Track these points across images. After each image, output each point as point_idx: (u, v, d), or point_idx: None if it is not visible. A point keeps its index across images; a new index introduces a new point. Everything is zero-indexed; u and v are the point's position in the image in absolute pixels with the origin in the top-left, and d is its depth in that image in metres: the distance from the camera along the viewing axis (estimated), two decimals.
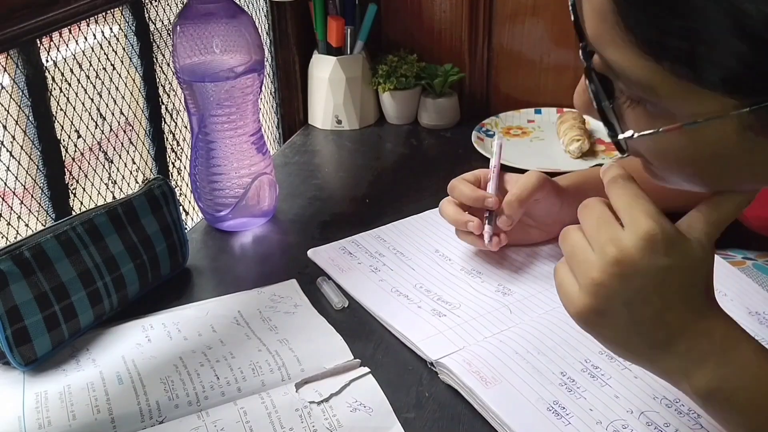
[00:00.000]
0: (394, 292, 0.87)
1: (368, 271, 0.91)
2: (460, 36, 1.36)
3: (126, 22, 0.99)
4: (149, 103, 1.04)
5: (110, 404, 0.70)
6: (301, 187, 1.16)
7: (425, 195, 1.11)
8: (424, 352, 0.77)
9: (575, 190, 0.90)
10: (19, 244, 0.74)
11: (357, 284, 0.89)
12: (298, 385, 0.71)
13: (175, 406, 0.70)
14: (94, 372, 0.75)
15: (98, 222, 0.81)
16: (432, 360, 0.75)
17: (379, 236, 0.99)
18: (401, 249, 0.95)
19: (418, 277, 0.90)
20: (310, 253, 0.95)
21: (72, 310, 0.77)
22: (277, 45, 1.33)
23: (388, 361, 0.77)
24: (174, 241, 0.89)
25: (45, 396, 0.72)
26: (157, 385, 0.73)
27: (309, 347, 0.78)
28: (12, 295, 0.72)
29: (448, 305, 0.84)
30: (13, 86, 0.83)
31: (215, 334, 0.80)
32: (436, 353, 0.76)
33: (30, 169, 0.86)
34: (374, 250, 0.95)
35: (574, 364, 0.73)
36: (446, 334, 0.79)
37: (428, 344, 0.77)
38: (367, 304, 0.85)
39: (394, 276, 0.90)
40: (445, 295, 0.86)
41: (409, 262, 0.93)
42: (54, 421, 0.69)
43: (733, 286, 0.82)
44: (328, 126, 1.36)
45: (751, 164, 0.50)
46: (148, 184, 0.88)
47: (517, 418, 0.67)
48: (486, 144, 1.25)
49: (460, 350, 0.76)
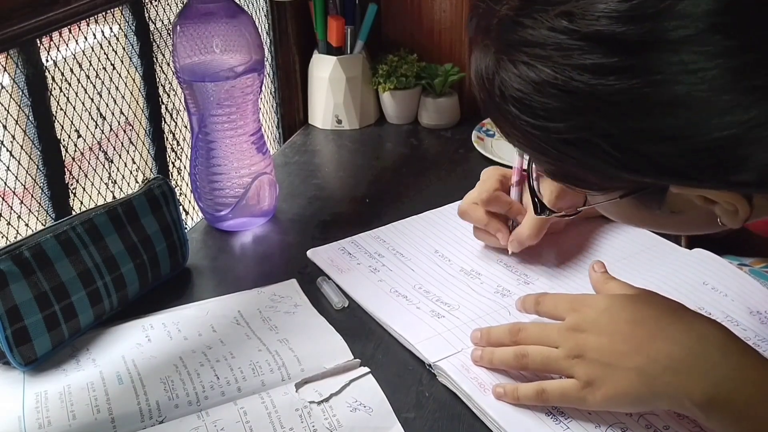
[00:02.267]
0: (393, 292, 0.87)
1: (367, 271, 0.91)
2: (460, 35, 1.36)
3: (126, 21, 0.99)
4: (149, 102, 1.04)
5: (110, 404, 0.70)
6: (301, 186, 1.16)
7: (425, 194, 1.11)
8: (422, 354, 0.77)
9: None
10: (19, 243, 0.74)
11: (356, 285, 0.88)
12: (298, 385, 0.71)
13: (175, 405, 0.70)
14: (94, 372, 0.75)
15: (98, 222, 0.81)
16: (431, 362, 0.75)
17: (379, 237, 0.98)
18: (401, 249, 0.95)
19: (417, 278, 0.89)
20: (309, 253, 0.95)
21: (72, 310, 0.77)
22: (277, 45, 1.33)
23: (388, 360, 0.77)
24: (174, 240, 0.89)
25: (45, 396, 0.72)
26: (157, 385, 0.73)
27: (309, 347, 0.77)
28: (12, 294, 0.72)
29: (447, 306, 0.84)
30: (13, 86, 0.83)
31: (215, 334, 0.80)
32: (434, 355, 0.76)
33: (30, 169, 0.86)
34: (373, 251, 0.95)
35: None
36: (445, 336, 0.79)
37: (427, 346, 0.77)
38: (366, 304, 0.85)
39: (393, 276, 0.90)
40: (444, 296, 0.86)
41: (409, 262, 0.92)
42: (54, 421, 0.69)
43: (734, 285, 0.82)
44: (328, 126, 1.36)
45: (663, 224, 0.62)
46: (148, 184, 0.88)
47: (516, 424, 0.67)
48: (486, 144, 1.25)
49: (458, 353, 0.76)
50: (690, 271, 0.85)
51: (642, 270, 0.86)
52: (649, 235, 0.93)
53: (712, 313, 0.77)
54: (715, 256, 0.86)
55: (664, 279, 0.84)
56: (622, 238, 0.94)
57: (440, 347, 0.77)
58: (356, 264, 0.92)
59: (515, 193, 0.90)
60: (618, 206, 0.59)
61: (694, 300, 0.80)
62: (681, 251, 0.90)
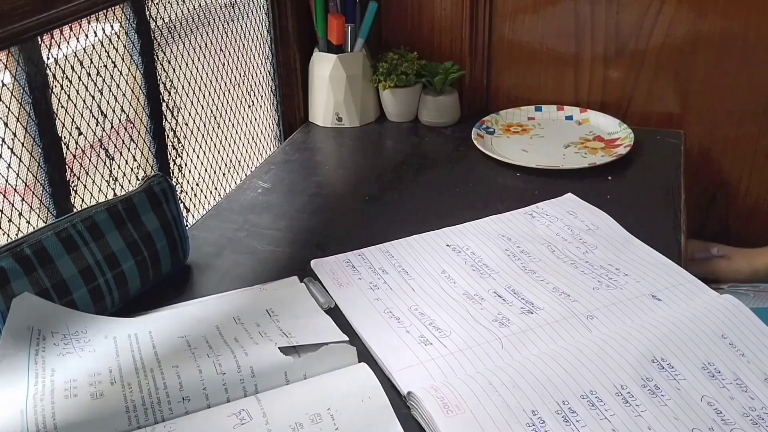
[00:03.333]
0: (386, 313, 0.84)
1: (366, 287, 0.88)
2: (460, 34, 1.36)
3: (127, 19, 0.99)
4: (150, 100, 1.04)
5: (127, 390, 0.69)
6: (302, 184, 1.16)
7: (425, 193, 1.12)
8: (398, 384, 0.73)
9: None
10: (20, 241, 0.75)
11: (351, 301, 0.86)
12: (287, 352, 0.71)
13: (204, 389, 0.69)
14: (102, 356, 0.73)
15: (98, 219, 0.81)
16: (404, 393, 0.72)
17: (388, 251, 0.96)
18: (406, 267, 0.92)
19: (416, 298, 0.86)
20: (313, 263, 0.93)
21: (73, 307, 0.78)
22: (278, 42, 1.33)
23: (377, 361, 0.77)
24: (174, 237, 0.89)
25: (50, 389, 0.71)
26: (170, 370, 0.71)
27: (314, 345, 0.77)
28: (13, 291, 0.73)
29: (438, 332, 0.80)
30: (14, 84, 0.83)
31: (225, 329, 0.79)
32: (411, 385, 0.72)
33: (31, 166, 0.86)
34: (378, 266, 0.92)
35: (550, 404, 0.68)
36: (426, 365, 0.75)
37: (405, 375, 0.74)
38: (355, 323, 0.82)
39: (391, 296, 0.87)
40: (439, 320, 0.82)
41: (411, 281, 0.89)
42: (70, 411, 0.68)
43: (756, 345, 0.77)
44: (329, 123, 1.37)
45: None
46: (148, 181, 0.88)
47: None
48: (486, 141, 1.25)
49: (434, 383, 0.72)
50: (712, 319, 0.79)
51: (665, 307, 0.83)
52: (679, 273, 0.89)
53: (722, 371, 0.73)
54: (744, 307, 0.80)
55: (683, 323, 0.78)
56: (650, 272, 0.89)
57: (419, 377, 0.73)
58: (357, 279, 0.90)
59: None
60: None
61: (706, 353, 0.75)
62: (710, 295, 0.85)
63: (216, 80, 1.20)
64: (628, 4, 1.27)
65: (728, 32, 1.23)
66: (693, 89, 1.29)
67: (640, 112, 1.33)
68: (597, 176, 1.12)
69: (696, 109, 1.30)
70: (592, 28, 1.30)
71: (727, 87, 1.27)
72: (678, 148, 1.23)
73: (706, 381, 0.72)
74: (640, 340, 0.75)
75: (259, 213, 1.07)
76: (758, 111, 1.27)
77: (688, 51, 1.27)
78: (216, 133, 1.21)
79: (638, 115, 1.33)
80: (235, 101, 1.25)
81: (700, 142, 1.31)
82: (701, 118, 1.31)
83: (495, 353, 0.77)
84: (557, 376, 0.71)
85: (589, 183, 1.12)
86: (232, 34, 1.23)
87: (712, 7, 1.23)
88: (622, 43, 1.29)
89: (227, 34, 1.21)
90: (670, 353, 0.74)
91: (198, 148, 1.17)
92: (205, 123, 1.18)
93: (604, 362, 0.73)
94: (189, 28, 1.12)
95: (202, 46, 1.16)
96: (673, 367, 0.73)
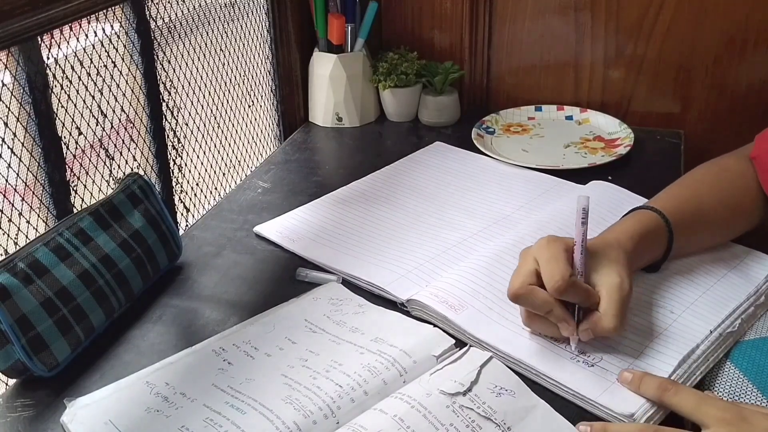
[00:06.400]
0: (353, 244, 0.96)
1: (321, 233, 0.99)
2: (460, 33, 1.36)
3: (127, 19, 0.99)
4: (150, 100, 1.04)
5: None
6: (302, 184, 1.16)
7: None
8: (394, 295, 0.84)
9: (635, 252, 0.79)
10: (11, 257, 0.75)
11: (309, 248, 0.95)
12: (431, 380, 0.69)
13: (313, 422, 0.67)
14: (198, 406, 0.69)
15: (83, 225, 0.82)
16: (402, 300, 0.83)
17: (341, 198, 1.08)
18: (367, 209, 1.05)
19: (375, 228, 0.99)
20: (256, 229, 1.00)
21: (80, 311, 0.78)
22: (278, 42, 1.33)
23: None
24: (164, 231, 0.91)
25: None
26: (283, 406, 0.68)
27: (406, 340, 0.77)
28: (17, 305, 0.73)
29: (408, 246, 0.93)
30: (14, 83, 0.83)
31: (298, 345, 0.77)
32: (404, 294, 0.84)
33: (31, 166, 0.86)
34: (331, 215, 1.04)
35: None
36: (410, 277, 0.87)
37: (396, 287, 0.85)
38: (325, 261, 0.92)
39: (357, 230, 0.99)
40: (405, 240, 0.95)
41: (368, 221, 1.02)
42: None
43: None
44: (329, 123, 1.37)
45: None
46: (124, 182, 0.90)
47: (490, 335, 0.76)
48: (486, 141, 1.25)
49: (427, 286, 0.84)
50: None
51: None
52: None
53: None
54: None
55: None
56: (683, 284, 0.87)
57: (408, 286, 0.85)
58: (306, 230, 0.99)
59: (578, 262, 0.73)
60: None
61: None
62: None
63: (216, 80, 1.20)
64: (628, 5, 1.27)
65: (728, 32, 1.23)
66: (693, 89, 1.29)
67: (640, 112, 1.33)
68: (597, 176, 1.12)
69: (696, 109, 1.30)
70: (592, 28, 1.30)
71: (727, 87, 1.27)
72: (678, 148, 1.23)
73: None
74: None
75: (259, 213, 1.07)
76: (758, 111, 1.27)
77: (688, 51, 1.27)
78: (216, 133, 1.21)
79: (638, 115, 1.33)
80: (235, 101, 1.25)
81: (700, 142, 1.31)
82: (701, 118, 1.31)
83: (467, 253, 0.91)
84: (518, 249, 0.79)
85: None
86: (232, 34, 1.23)
87: (712, 7, 1.23)
88: (622, 42, 1.29)
89: (227, 34, 1.21)
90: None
91: (198, 148, 1.17)
92: (205, 123, 1.18)
93: (545, 232, 0.80)
94: (189, 28, 1.12)
95: (202, 46, 1.16)
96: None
